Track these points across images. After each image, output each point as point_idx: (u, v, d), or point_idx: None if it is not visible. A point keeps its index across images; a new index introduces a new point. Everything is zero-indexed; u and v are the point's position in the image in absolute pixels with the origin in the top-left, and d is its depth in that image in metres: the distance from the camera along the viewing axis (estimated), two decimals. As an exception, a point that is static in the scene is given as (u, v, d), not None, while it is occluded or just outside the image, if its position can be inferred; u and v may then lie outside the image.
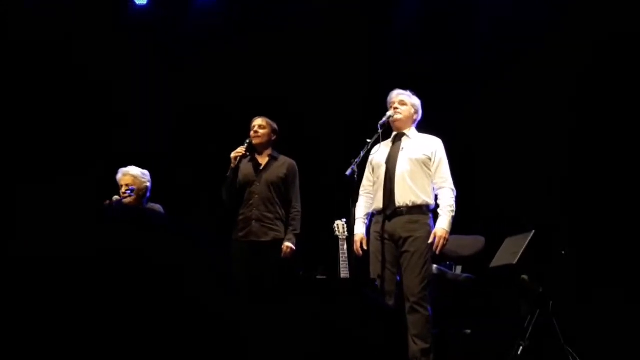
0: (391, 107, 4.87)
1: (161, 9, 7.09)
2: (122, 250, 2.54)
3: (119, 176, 5.55)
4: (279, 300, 3.32)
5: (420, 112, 4.93)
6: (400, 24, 6.76)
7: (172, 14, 7.08)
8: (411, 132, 4.89)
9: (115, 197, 5.43)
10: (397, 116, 4.83)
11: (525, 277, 4.98)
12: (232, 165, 5.35)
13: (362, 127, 4.98)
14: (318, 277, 5.48)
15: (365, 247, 4.79)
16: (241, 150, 5.33)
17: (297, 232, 5.37)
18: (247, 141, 5.39)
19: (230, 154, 5.37)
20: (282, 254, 5.29)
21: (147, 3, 7.07)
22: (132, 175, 5.52)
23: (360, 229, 4.86)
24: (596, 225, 5.81)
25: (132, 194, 5.44)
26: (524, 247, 4.99)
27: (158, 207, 5.57)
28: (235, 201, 5.41)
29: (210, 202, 6.13)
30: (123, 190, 5.47)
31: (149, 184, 5.57)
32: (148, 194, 5.58)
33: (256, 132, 5.44)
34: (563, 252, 5.08)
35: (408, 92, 4.92)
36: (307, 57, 6.74)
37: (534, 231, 5.05)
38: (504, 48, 6.41)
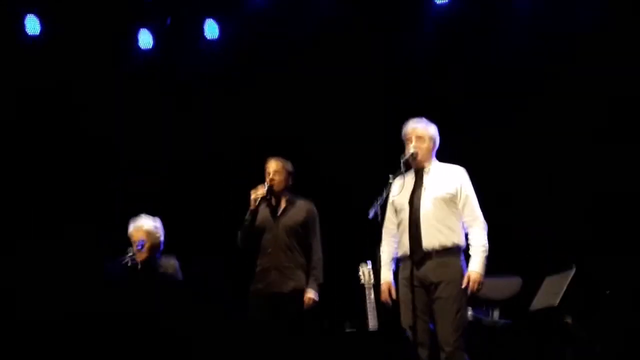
0: (408, 142, 4.70)
1: (166, 52, 7.08)
2: (123, 316, 2.37)
3: (131, 230, 5.44)
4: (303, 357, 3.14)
5: (438, 139, 4.77)
6: (415, 53, 6.66)
7: (177, 57, 7.09)
8: (432, 165, 4.73)
9: (130, 252, 5.30)
10: (419, 157, 4.66)
11: (569, 320, 4.79)
12: (252, 207, 5.21)
13: (382, 162, 4.87)
14: (348, 330, 5.26)
15: (393, 296, 4.62)
16: (262, 191, 5.21)
17: (320, 281, 5.24)
18: (268, 184, 5.26)
19: (246, 194, 5.23)
20: (305, 306, 5.15)
21: (153, 47, 7.01)
22: (145, 230, 5.40)
23: (387, 276, 4.70)
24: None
25: (143, 249, 5.28)
26: (565, 287, 4.81)
27: (173, 261, 5.44)
28: (251, 247, 5.29)
29: (226, 250, 5.99)
30: (136, 244, 5.35)
31: (162, 237, 5.45)
32: (161, 247, 5.46)
33: (272, 179, 5.28)
34: (608, 292, 4.88)
35: (424, 121, 4.76)
36: (319, 93, 6.69)
37: (574, 269, 4.85)
38: (532, 68, 6.26)
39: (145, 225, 5.39)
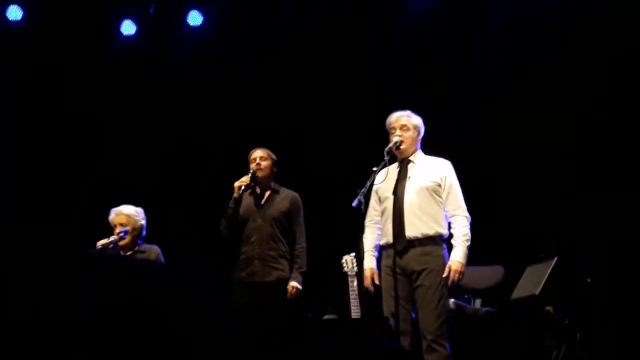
0: (392, 132, 4.74)
1: (149, 38, 7.04)
2: (110, 306, 2.41)
3: (112, 216, 5.41)
4: (286, 346, 3.18)
5: (423, 129, 4.82)
6: (403, 41, 6.69)
7: (161, 43, 7.04)
8: (417, 156, 4.78)
9: (109, 239, 5.27)
10: (403, 145, 4.69)
11: (549, 308, 4.87)
12: (235, 195, 5.23)
13: (365, 153, 4.90)
14: (326, 317, 5.30)
15: (377, 282, 4.67)
16: (245, 179, 5.23)
17: (303, 269, 5.25)
18: (252, 171, 5.27)
19: (230, 185, 5.26)
20: (288, 295, 5.18)
21: (135, 33, 6.99)
22: (126, 214, 5.37)
23: (370, 263, 4.74)
24: (624, 249, 5.65)
25: (126, 236, 5.29)
26: (546, 276, 4.89)
27: (155, 248, 5.44)
28: (235, 235, 5.30)
29: (208, 239, 6.02)
30: (117, 230, 5.32)
31: (143, 222, 5.42)
32: (144, 233, 5.44)
33: (258, 164, 5.32)
34: (588, 280, 4.95)
35: (408, 112, 4.81)
36: (302, 83, 6.71)
37: (556, 258, 4.93)
38: (518, 57, 6.32)
39: (125, 210, 5.37)
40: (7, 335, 2.32)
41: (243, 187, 5.22)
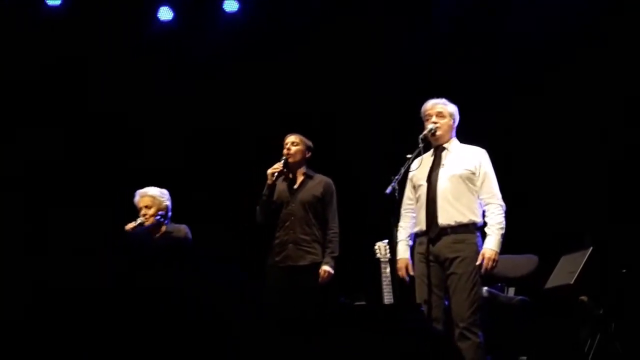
0: (428, 119, 4.79)
1: (185, 24, 7.12)
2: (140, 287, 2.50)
3: (137, 199, 5.52)
4: (318, 330, 3.26)
5: (458, 118, 4.85)
6: (432, 32, 6.71)
7: (197, 28, 7.11)
8: (452, 144, 4.81)
9: (136, 221, 5.39)
10: (438, 132, 4.73)
11: (584, 298, 4.88)
12: (269, 182, 5.30)
13: (401, 141, 4.92)
14: (357, 303, 5.37)
15: (411, 273, 4.72)
16: (278, 166, 5.30)
17: (335, 254, 5.30)
18: (284, 158, 5.34)
19: (264, 172, 5.33)
20: (320, 279, 5.23)
21: (172, 19, 7.08)
22: (151, 196, 5.48)
23: (403, 253, 4.79)
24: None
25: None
26: (581, 266, 4.89)
27: (183, 227, 5.54)
28: (270, 222, 5.37)
29: (241, 224, 6.10)
30: (143, 212, 5.43)
31: (169, 203, 5.52)
32: (169, 214, 5.53)
33: (289, 149, 5.39)
34: (623, 270, 4.95)
35: (443, 100, 4.84)
36: (338, 70, 6.74)
37: (591, 248, 4.93)
38: (554, 49, 6.32)
39: (150, 192, 5.47)
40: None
41: (276, 174, 5.29)
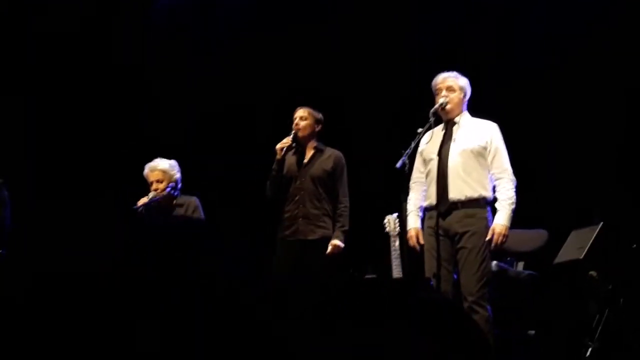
0: (438, 93, 4.79)
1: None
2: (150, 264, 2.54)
3: (147, 172, 5.56)
4: (328, 302, 3.28)
5: (469, 91, 4.84)
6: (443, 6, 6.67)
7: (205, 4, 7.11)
8: (463, 118, 4.80)
9: (149, 196, 5.43)
10: (448, 106, 4.73)
11: (593, 273, 4.90)
12: (278, 157, 5.31)
13: (411, 114, 4.93)
14: (367, 276, 5.40)
15: (421, 242, 4.74)
16: (287, 140, 5.30)
17: (345, 228, 5.32)
18: (293, 132, 5.35)
19: (273, 146, 5.34)
20: (329, 252, 5.25)
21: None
22: (161, 169, 5.52)
23: (414, 223, 4.81)
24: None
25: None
26: (591, 241, 4.91)
27: (194, 199, 5.58)
28: (280, 197, 5.38)
29: (251, 198, 6.13)
30: (154, 187, 5.47)
31: (179, 175, 5.57)
32: (180, 185, 5.57)
33: (297, 124, 5.39)
34: (635, 246, 4.96)
35: (454, 74, 4.84)
36: (348, 44, 6.72)
37: (602, 223, 4.94)
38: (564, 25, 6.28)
39: (160, 166, 5.51)
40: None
41: (285, 149, 5.30)
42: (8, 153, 5.94)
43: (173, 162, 5.58)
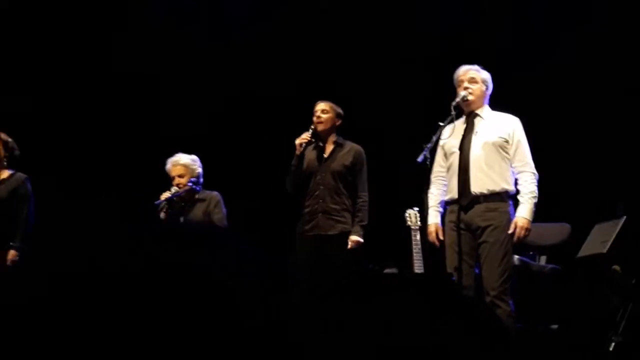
0: (460, 85, 4.77)
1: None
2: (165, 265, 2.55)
3: (169, 167, 5.62)
4: (347, 297, 3.28)
5: (491, 85, 4.83)
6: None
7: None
8: (484, 111, 4.79)
9: (171, 191, 5.46)
10: (470, 97, 4.71)
11: (616, 267, 4.87)
12: (297, 152, 5.32)
13: (432, 108, 4.91)
14: (386, 271, 5.39)
15: (441, 237, 4.73)
16: (306, 136, 5.30)
17: (364, 223, 5.31)
18: (312, 127, 5.35)
19: (293, 141, 5.34)
20: (349, 247, 5.25)
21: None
22: (183, 164, 5.58)
23: (434, 219, 4.81)
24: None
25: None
26: (614, 235, 4.87)
27: (215, 194, 5.62)
28: (299, 192, 5.39)
29: (271, 193, 6.14)
30: (176, 182, 5.51)
31: (200, 170, 5.64)
32: (201, 180, 5.63)
33: (319, 117, 5.39)
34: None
35: (476, 67, 4.82)
36: (368, 36, 6.69)
37: (625, 217, 4.91)
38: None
39: (182, 161, 5.57)
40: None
41: (304, 144, 5.31)
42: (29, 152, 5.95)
43: (194, 157, 5.65)
